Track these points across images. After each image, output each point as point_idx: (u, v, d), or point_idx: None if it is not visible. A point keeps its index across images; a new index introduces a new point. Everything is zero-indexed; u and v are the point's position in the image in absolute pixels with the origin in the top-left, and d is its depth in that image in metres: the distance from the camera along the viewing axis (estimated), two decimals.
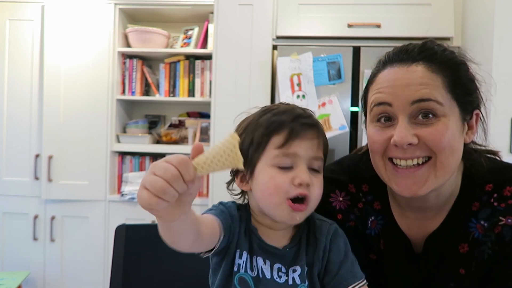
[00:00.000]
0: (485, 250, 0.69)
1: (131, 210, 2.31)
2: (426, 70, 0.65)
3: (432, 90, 0.64)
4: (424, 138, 0.64)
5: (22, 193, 2.38)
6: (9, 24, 2.37)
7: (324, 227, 0.71)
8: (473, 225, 0.71)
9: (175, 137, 2.44)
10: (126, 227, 1.07)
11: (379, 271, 0.78)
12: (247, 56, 2.13)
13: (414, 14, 2.03)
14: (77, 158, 2.33)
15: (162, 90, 2.45)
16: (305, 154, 0.65)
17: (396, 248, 0.77)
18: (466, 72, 0.69)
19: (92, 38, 2.33)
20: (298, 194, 0.63)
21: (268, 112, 0.68)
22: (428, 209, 0.74)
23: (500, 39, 1.69)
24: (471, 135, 0.70)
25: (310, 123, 0.67)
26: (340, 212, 0.79)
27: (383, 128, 0.68)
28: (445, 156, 0.64)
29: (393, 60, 0.69)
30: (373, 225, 0.79)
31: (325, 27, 2.08)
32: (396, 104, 0.65)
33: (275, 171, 0.64)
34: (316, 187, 0.66)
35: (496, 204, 0.69)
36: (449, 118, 0.64)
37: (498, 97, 1.68)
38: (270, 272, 0.66)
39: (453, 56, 0.68)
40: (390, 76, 0.67)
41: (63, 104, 2.33)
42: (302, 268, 0.67)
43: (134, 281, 1.05)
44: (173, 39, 2.53)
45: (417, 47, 0.68)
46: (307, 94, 2.01)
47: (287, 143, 0.64)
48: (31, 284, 2.37)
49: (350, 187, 0.81)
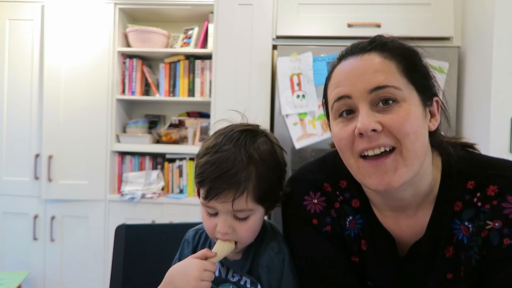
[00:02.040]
0: (472, 255, 0.67)
1: (131, 210, 2.31)
2: (379, 57, 0.65)
3: (388, 76, 0.63)
4: (387, 124, 0.63)
5: (22, 193, 2.38)
6: (9, 24, 2.37)
7: (266, 254, 0.76)
8: (457, 227, 0.68)
9: (175, 137, 2.44)
10: (126, 227, 1.07)
11: (364, 273, 0.75)
12: (247, 56, 2.13)
13: (414, 14, 2.03)
14: (77, 158, 2.33)
15: (162, 90, 2.45)
16: (224, 209, 0.71)
17: (379, 248, 0.74)
18: (419, 59, 0.69)
19: (92, 38, 2.33)
20: (222, 239, 0.73)
21: (207, 155, 0.72)
22: (406, 207, 0.71)
23: (500, 39, 1.69)
24: (435, 122, 0.69)
25: (230, 183, 0.69)
26: (315, 217, 0.76)
27: (346, 122, 0.67)
28: (410, 142, 0.63)
29: (347, 54, 0.70)
30: (352, 226, 0.76)
31: (325, 27, 2.08)
32: (355, 95, 0.65)
33: (205, 214, 0.75)
34: (242, 231, 0.73)
35: (480, 205, 0.67)
36: (409, 102, 0.64)
37: (498, 97, 1.69)
38: (225, 273, 0.79)
39: (404, 44, 0.69)
40: (345, 68, 0.67)
41: (63, 103, 2.33)
42: (250, 279, 0.76)
43: (134, 280, 1.05)
44: (173, 39, 2.54)
45: (368, 40, 0.70)
46: (307, 94, 2.01)
47: (207, 199, 0.71)
48: (31, 284, 2.37)
49: (325, 186, 0.78)
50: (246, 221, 0.73)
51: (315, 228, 0.76)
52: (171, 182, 2.44)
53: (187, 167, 2.42)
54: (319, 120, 2.00)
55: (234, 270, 0.78)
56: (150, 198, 2.30)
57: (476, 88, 1.84)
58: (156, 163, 2.47)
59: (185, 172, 2.42)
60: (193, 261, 0.72)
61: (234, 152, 0.70)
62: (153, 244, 1.09)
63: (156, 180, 2.40)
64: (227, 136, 0.73)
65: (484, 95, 1.74)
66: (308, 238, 0.76)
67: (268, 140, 0.76)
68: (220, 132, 0.76)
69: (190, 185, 2.42)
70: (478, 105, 1.80)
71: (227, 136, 0.73)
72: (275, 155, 0.75)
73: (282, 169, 0.77)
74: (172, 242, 1.09)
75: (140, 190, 2.34)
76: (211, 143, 0.73)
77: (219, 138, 0.73)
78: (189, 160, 2.42)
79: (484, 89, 1.74)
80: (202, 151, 0.74)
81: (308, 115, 2.01)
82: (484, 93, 1.74)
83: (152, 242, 1.09)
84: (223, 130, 0.76)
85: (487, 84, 1.71)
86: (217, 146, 0.72)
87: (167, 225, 1.24)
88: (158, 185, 2.40)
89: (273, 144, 0.77)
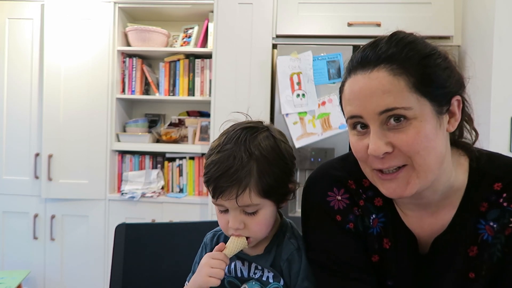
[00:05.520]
0: (495, 253, 0.68)
1: (131, 209, 2.31)
2: (388, 75, 0.63)
3: (397, 97, 0.62)
4: (398, 145, 0.64)
5: (22, 192, 2.38)
6: (9, 23, 2.37)
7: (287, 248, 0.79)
8: (482, 227, 0.69)
9: (175, 136, 2.44)
10: (126, 226, 1.07)
11: (382, 273, 0.76)
12: (247, 55, 2.13)
13: (414, 13, 2.03)
14: (77, 157, 2.33)
15: (162, 89, 2.45)
16: (231, 205, 0.74)
17: (401, 247, 0.75)
18: (435, 62, 0.65)
19: (92, 37, 2.33)
20: (235, 235, 0.76)
21: (211, 155, 0.75)
22: (428, 205, 0.72)
23: (500, 39, 1.69)
24: (455, 122, 0.69)
25: (232, 181, 0.71)
26: (339, 213, 0.77)
27: (361, 136, 0.68)
28: (421, 158, 0.64)
29: (356, 67, 0.67)
30: (374, 224, 0.77)
31: (325, 26, 2.08)
32: (365, 116, 0.65)
33: (218, 212, 0.78)
34: (253, 225, 0.76)
35: (506, 205, 0.68)
36: (420, 118, 0.63)
37: (498, 97, 1.69)
38: (247, 272, 0.81)
39: (420, 49, 0.66)
40: (355, 87, 0.66)
41: (63, 103, 2.33)
42: (273, 272, 0.78)
43: (134, 279, 1.05)
44: (173, 38, 2.53)
45: (382, 44, 0.66)
46: (307, 93, 2.01)
47: (214, 197, 0.75)
48: (31, 283, 2.37)
49: (350, 184, 0.78)
50: (256, 215, 0.75)
51: (338, 224, 0.77)
52: (171, 181, 2.44)
53: (187, 166, 2.42)
54: (319, 119, 2.00)
55: (257, 263, 0.80)
56: (150, 197, 2.30)
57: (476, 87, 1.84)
58: (156, 162, 2.47)
59: (185, 171, 2.42)
60: (204, 258, 0.77)
61: (234, 151, 0.73)
62: (153, 243, 1.09)
63: (156, 179, 2.41)
64: (228, 136, 0.76)
65: (484, 94, 1.74)
66: (330, 233, 0.77)
67: (270, 135, 0.78)
68: (224, 132, 0.79)
69: (190, 184, 2.42)
70: (478, 104, 1.80)
71: (229, 135, 0.76)
72: (277, 150, 0.76)
73: (287, 162, 0.78)
74: (172, 241, 1.10)
75: (140, 189, 2.34)
76: (215, 143, 0.77)
77: (222, 138, 0.76)
78: (189, 159, 2.42)
79: (484, 88, 1.74)
80: (208, 152, 0.78)
81: (308, 114, 2.01)
82: (484, 93, 1.74)
83: (152, 241, 1.09)
84: (227, 130, 0.79)
85: (487, 83, 1.71)
86: (220, 146, 0.75)
87: (167, 224, 1.24)
88: (158, 184, 2.40)
89: (276, 139, 0.77)
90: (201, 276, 0.75)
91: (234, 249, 0.76)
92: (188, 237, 1.10)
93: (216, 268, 0.75)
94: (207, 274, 0.74)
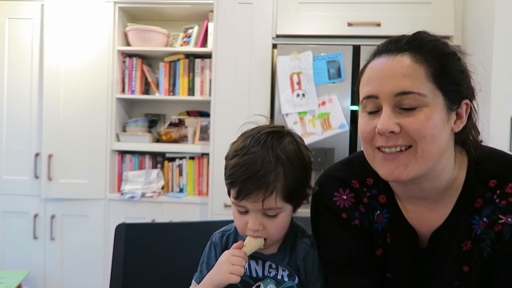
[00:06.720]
0: (484, 248, 0.70)
1: (131, 209, 2.31)
2: (411, 61, 0.67)
3: (414, 81, 0.66)
4: (406, 127, 0.67)
5: (22, 192, 2.38)
6: (9, 22, 2.37)
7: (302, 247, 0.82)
8: (476, 222, 0.72)
9: (175, 136, 2.44)
10: (126, 225, 1.07)
11: (385, 266, 0.80)
12: (247, 55, 2.13)
13: (414, 12, 2.03)
14: (77, 157, 2.33)
15: (162, 89, 2.45)
16: (254, 208, 0.75)
17: (402, 241, 0.78)
18: (454, 62, 0.70)
19: (92, 36, 2.33)
20: (252, 236, 0.78)
21: (236, 157, 0.76)
22: (426, 199, 0.75)
23: (500, 39, 1.69)
24: (460, 124, 0.72)
25: (259, 184, 0.72)
26: (345, 211, 0.81)
27: (370, 118, 0.71)
28: (426, 144, 0.66)
29: (382, 51, 0.71)
30: (379, 219, 0.80)
31: (325, 26, 2.08)
32: (382, 96, 0.68)
33: (236, 213, 0.79)
34: (272, 228, 0.77)
35: (498, 201, 0.70)
36: (432, 107, 0.66)
37: (498, 97, 1.69)
38: (262, 271, 0.82)
39: (442, 46, 0.70)
40: (377, 67, 0.70)
41: (63, 102, 2.33)
42: (288, 270, 0.80)
43: (134, 279, 1.05)
44: (173, 38, 2.53)
45: (407, 37, 0.71)
46: (307, 93, 2.01)
47: (238, 198, 0.75)
48: (31, 282, 2.37)
49: (353, 183, 0.82)
50: (275, 218, 0.77)
51: (344, 222, 0.80)
52: (171, 181, 2.44)
53: (187, 166, 2.42)
54: (319, 119, 2.00)
55: (272, 261, 0.82)
56: (150, 197, 2.30)
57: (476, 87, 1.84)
58: (156, 162, 2.47)
59: (185, 171, 2.42)
60: (224, 256, 0.79)
61: (262, 154, 0.74)
62: (153, 243, 1.09)
63: (156, 179, 2.41)
64: (254, 138, 0.77)
65: (484, 94, 1.74)
66: (337, 231, 0.81)
67: (294, 140, 0.80)
68: (248, 134, 0.79)
69: (190, 184, 2.42)
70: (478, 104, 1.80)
71: (254, 138, 0.77)
72: (301, 155, 0.78)
73: (308, 167, 0.80)
74: (172, 241, 1.10)
75: (140, 189, 2.34)
76: (239, 145, 0.77)
77: (247, 140, 0.77)
78: (189, 159, 2.42)
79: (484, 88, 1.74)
80: (231, 153, 0.78)
81: (308, 114, 2.01)
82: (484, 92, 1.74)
83: (152, 241, 1.09)
84: (250, 132, 0.80)
85: (487, 83, 1.71)
86: (246, 148, 0.76)
87: (167, 224, 1.24)
88: (158, 184, 2.40)
89: (299, 144, 0.80)
90: (222, 273, 0.76)
91: (251, 248, 0.78)
92: (188, 237, 1.10)
93: (237, 265, 0.76)
94: (228, 271, 0.75)
